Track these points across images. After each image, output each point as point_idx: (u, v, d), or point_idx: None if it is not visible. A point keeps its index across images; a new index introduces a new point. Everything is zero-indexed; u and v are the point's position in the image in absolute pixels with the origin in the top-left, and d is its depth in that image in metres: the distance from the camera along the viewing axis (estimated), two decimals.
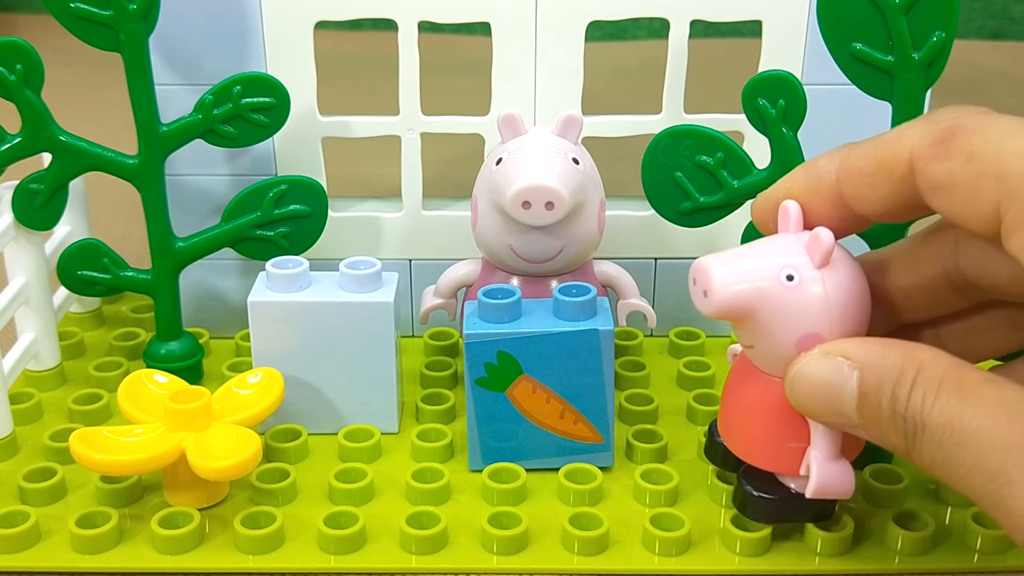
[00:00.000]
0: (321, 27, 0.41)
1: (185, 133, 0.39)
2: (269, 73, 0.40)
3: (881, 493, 0.35)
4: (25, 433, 0.39)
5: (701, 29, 0.43)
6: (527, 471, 0.36)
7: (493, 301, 0.35)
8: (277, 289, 0.38)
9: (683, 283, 0.30)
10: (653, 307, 0.42)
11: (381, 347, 0.38)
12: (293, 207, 0.40)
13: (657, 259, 0.45)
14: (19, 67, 0.38)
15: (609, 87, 0.69)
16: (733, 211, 0.36)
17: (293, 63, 0.42)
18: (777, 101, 0.34)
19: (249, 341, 0.38)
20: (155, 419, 0.35)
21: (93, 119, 0.56)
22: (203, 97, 0.39)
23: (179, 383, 0.37)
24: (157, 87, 0.39)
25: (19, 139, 0.39)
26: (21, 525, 0.33)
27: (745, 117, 0.35)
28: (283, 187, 0.40)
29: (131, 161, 0.39)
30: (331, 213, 0.43)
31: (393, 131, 0.43)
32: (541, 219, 0.37)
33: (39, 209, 0.40)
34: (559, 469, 0.36)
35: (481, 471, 0.36)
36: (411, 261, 0.45)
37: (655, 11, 0.41)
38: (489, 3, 0.41)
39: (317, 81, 0.42)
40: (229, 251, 0.41)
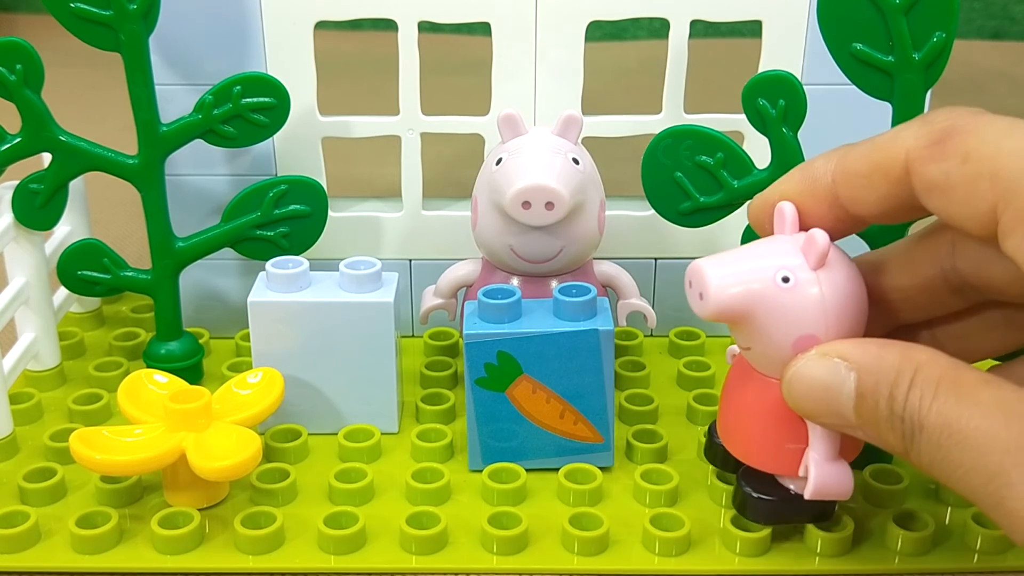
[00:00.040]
0: (321, 27, 0.41)
1: (185, 133, 0.39)
2: (269, 73, 0.40)
3: (881, 493, 0.35)
4: (25, 433, 0.39)
5: (701, 29, 0.43)
6: (527, 471, 0.36)
7: (493, 301, 0.35)
8: (277, 289, 0.38)
9: (683, 283, 0.30)
10: (653, 307, 0.42)
11: (381, 347, 0.38)
12: (293, 207, 0.40)
13: (657, 259, 0.45)
14: (19, 67, 0.38)
15: (609, 87, 0.69)
16: (733, 211, 0.36)
17: (293, 63, 0.42)
18: (777, 101, 0.34)
19: (249, 341, 0.38)
20: (155, 419, 0.35)
21: (93, 119, 0.56)
22: (203, 97, 0.39)
23: (179, 383, 0.37)
24: (157, 87, 0.39)
25: (19, 139, 0.39)
26: (21, 525, 0.33)
27: (745, 117, 0.35)
28: (283, 187, 0.40)
29: (131, 161, 0.39)
30: (331, 213, 0.43)
31: (393, 131, 0.43)
32: (541, 219, 0.37)
33: (39, 209, 0.40)
34: (559, 469, 0.36)
35: (481, 471, 0.36)
36: (411, 261, 0.45)
37: (655, 11, 0.41)
38: (489, 3, 0.41)
39: (317, 81, 0.42)
40: (229, 251, 0.41)
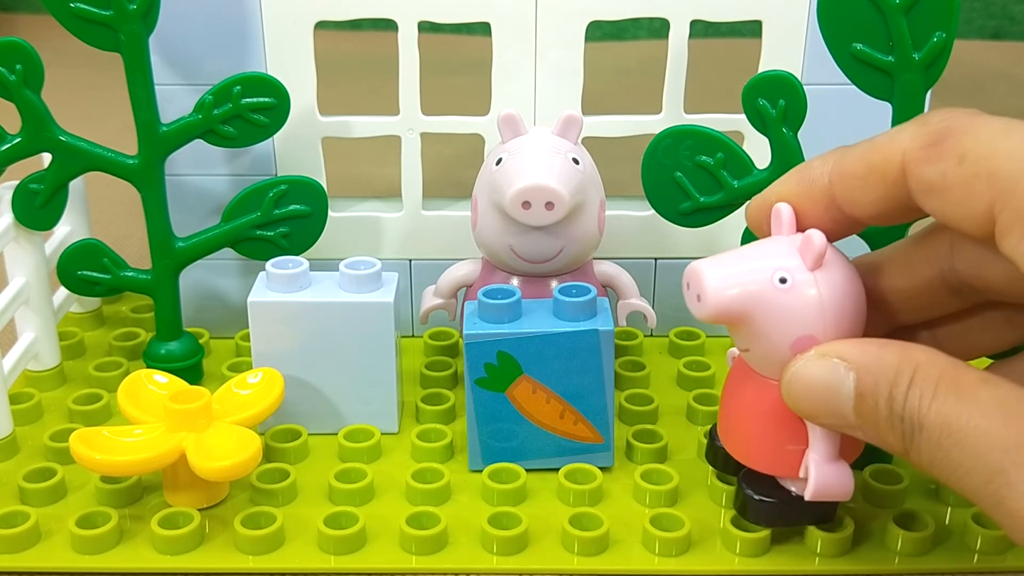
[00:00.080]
0: (321, 27, 0.41)
1: (185, 133, 0.39)
2: (269, 73, 0.40)
3: (881, 493, 0.35)
4: (25, 433, 0.39)
5: (701, 29, 0.43)
6: (527, 471, 0.36)
7: (493, 301, 0.35)
8: (277, 289, 0.38)
9: (683, 283, 0.30)
10: (653, 307, 0.42)
11: (381, 347, 0.38)
12: (293, 207, 0.40)
13: (657, 259, 0.45)
14: (19, 67, 0.38)
15: (609, 87, 0.69)
16: (733, 211, 0.36)
17: (293, 63, 0.42)
18: (777, 101, 0.34)
19: (249, 341, 0.38)
20: (155, 419, 0.35)
21: (93, 119, 0.56)
22: (203, 97, 0.39)
23: (179, 383, 0.37)
24: (157, 87, 0.39)
25: (19, 139, 0.39)
26: (21, 525, 0.33)
27: (745, 117, 0.35)
28: (283, 187, 0.40)
29: (131, 161, 0.39)
30: (331, 213, 0.43)
31: (393, 131, 0.43)
32: (541, 219, 0.37)
33: (39, 209, 0.40)
34: (559, 469, 0.36)
35: (481, 471, 0.36)
36: (411, 261, 0.45)
37: (655, 11, 0.41)
38: (489, 3, 0.41)
39: (317, 81, 0.42)
40: (229, 251, 0.41)
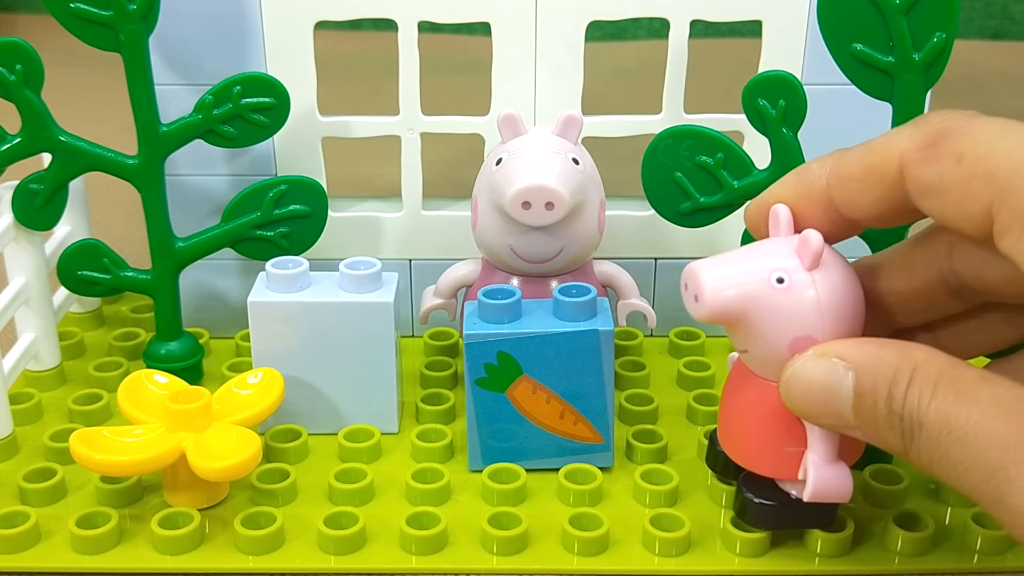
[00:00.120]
0: (321, 27, 0.41)
1: (185, 133, 0.39)
2: (269, 73, 0.40)
3: (881, 494, 0.35)
4: (25, 433, 0.39)
5: (701, 29, 0.43)
6: (527, 471, 0.36)
7: (493, 301, 0.35)
8: (277, 289, 0.38)
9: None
10: (653, 307, 0.42)
11: (381, 347, 0.38)
12: (293, 207, 0.40)
13: (657, 259, 0.45)
14: (19, 67, 0.38)
15: (609, 87, 0.69)
16: (733, 211, 0.36)
17: (293, 63, 0.42)
18: (777, 101, 0.34)
19: (249, 341, 0.38)
20: (155, 419, 0.35)
21: (93, 119, 0.56)
22: (203, 97, 0.39)
23: (179, 383, 0.37)
24: (157, 87, 0.39)
25: (19, 139, 0.39)
26: (21, 525, 0.33)
27: (745, 117, 0.35)
28: (283, 187, 0.40)
29: (131, 161, 0.39)
30: (331, 213, 0.43)
31: (393, 131, 0.43)
32: (541, 219, 0.37)
33: (39, 209, 0.40)
34: (559, 469, 0.36)
35: (481, 471, 0.36)
36: (411, 261, 0.45)
37: (655, 11, 0.41)
38: (489, 3, 0.41)
39: (317, 81, 0.42)
40: (229, 251, 0.41)
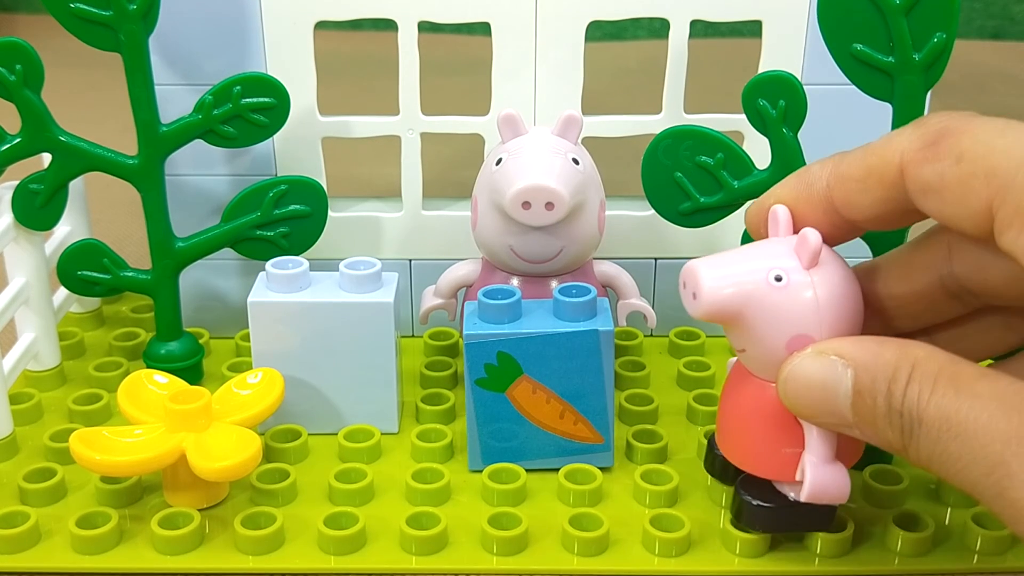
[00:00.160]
0: (321, 27, 0.41)
1: (185, 133, 0.39)
2: (269, 73, 0.40)
3: (881, 494, 0.35)
4: (25, 433, 0.39)
5: (701, 29, 0.43)
6: (527, 471, 0.36)
7: (493, 301, 0.35)
8: (277, 289, 0.38)
9: None
10: (653, 307, 0.42)
11: (381, 347, 0.38)
12: (293, 207, 0.40)
13: (657, 259, 0.45)
14: (19, 67, 0.38)
15: (609, 87, 0.69)
16: (733, 211, 0.36)
17: (293, 63, 0.42)
18: (777, 102, 0.34)
19: (249, 341, 0.38)
20: (155, 420, 0.35)
21: (93, 119, 0.56)
22: (203, 97, 0.39)
23: (179, 383, 0.37)
24: (157, 87, 0.39)
25: (19, 139, 0.39)
26: (21, 525, 0.33)
27: (745, 117, 0.35)
28: (283, 187, 0.40)
29: (131, 161, 0.39)
30: (331, 213, 0.43)
31: (393, 131, 0.43)
32: (541, 219, 0.36)
33: (39, 209, 0.40)
34: (559, 470, 0.36)
35: (481, 471, 0.36)
36: (411, 261, 0.45)
37: (655, 11, 0.41)
38: (489, 3, 0.41)
39: (317, 81, 0.42)
40: (229, 251, 0.41)
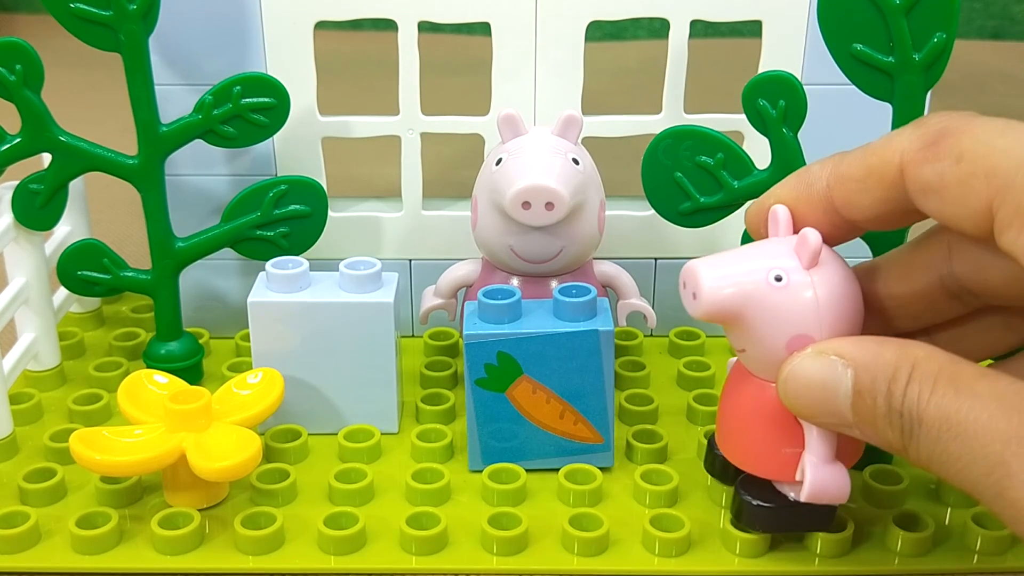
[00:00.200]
0: (321, 27, 0.41)
1: (185, 133, 0.39)
2: (269, 73, 0.40)
3: (881, 494, 0.35)
4: (25, 433, 0.39)
5: (701, 29, 0.43)
6: (527, 472, 0.36)
7: (493, 302, 0.35)
8: (277, 289, 0.38)
9: None
10: (653, 307, 0.42)
11: (381, 347, 0.38)
12: (293, 207, 0.40)
13: (657, 259, 0.45)
14: (19, 67, 0.38)
15: (609, 87, 0.69)
16: (733, 211, 0.36)
17: (293, 63, 0.42)
18: (777, 102, 0.34)
19: (249, 341, 0.38)
20: (155, 420, 0.35)
21: (93, 119, 0.56)
22: (203, 97, 0.39)
23: (179, 383, 0.37)
24: (157, 87, 0.39)
25: (19, 139, 0.39)
26: (21, 526, 0.33)
27: (745, 117, 0.35)
28: (283, 187, 0.40)
29: (131, 161, 0.39)
30: (331, 213, 0.43)
31: (393, 131, 0.43)
32: (541, 219, 0.36)
33: (39, 209, 0.40)
34: (559, 470, 0.36)
35: (481, 471, 0.36)
36: (411, 261, 0.45)
37: (655, 11, 0.41)
38: (489, 3, 0.41)
39: (317, 81, 0.42)
40: (229, 251, 0.41)
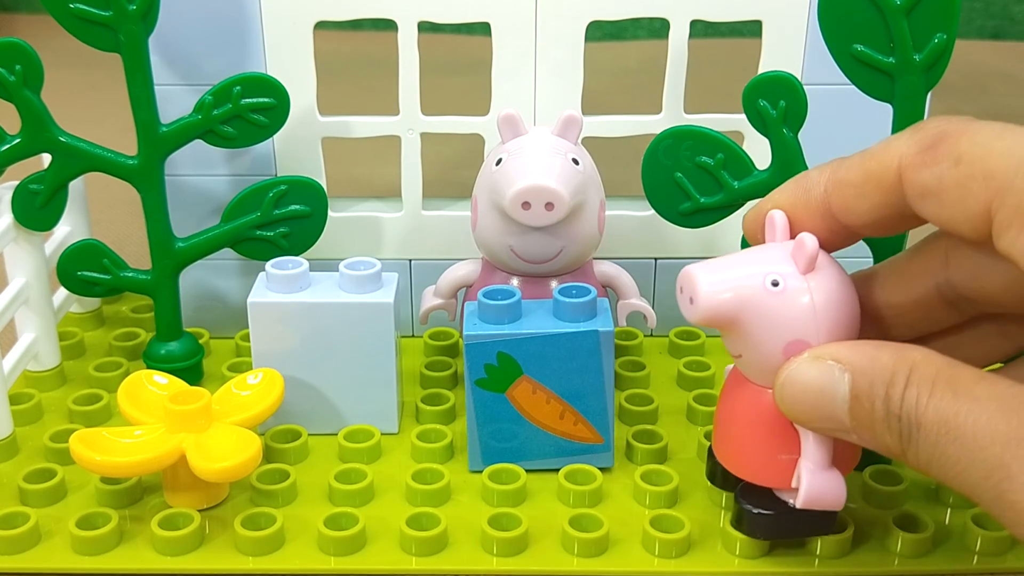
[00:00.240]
0: (321, 27, 0.41)
1: (185, 133, 0.39)
2: (269, 73, 0.40)
3: (881, 495, 0.35)
4: (25, 434, 0.39)
5: (701, 29, 0.43)
6: (527, 472, 0.36)
7: (493, 302, 0.35)
8: (277, 289, 0.38)
9: None
10: (653, 307, 0.42)
11: (381, 347, 0.38)
12: (293, 207, 0.40)
13: (657, 259, 0.45)
14: (19, 67, 0.38)
15: (609, 87, 0.69)
16: (733, 212, 0.36)
17: (293, 63, 0.42)
18: (778, 102, 0.34)
19: (249, 341, 0.38)
20: (155, 420, 0.35)
21: (93, 119, 0.56)
22: (203, 97, 0.39)
23: (179, 384, 0.37)
24: (157, 87, 0.39)
25: (19, 139, 0.39)
26: (21, 526, 0.33)
27: (745, 117, 0.35)
28: (283, 187, 0.40)
29: (131, 161, 0.39)
30: (331, 213, 0.43)
31: (393, 131, 0.43)
32: (541, 220, 0.36)
33: (39, 209, 0.40)
34: (559, 470, 0.36)
35: (481, 472, 0.36)
36: (411, 261, 0.45)
37: (655, 11, 0.41)
38: (489, 3, 0.41)
39: (317, 81, 0.42)
40: (229, 251, 0.41)
